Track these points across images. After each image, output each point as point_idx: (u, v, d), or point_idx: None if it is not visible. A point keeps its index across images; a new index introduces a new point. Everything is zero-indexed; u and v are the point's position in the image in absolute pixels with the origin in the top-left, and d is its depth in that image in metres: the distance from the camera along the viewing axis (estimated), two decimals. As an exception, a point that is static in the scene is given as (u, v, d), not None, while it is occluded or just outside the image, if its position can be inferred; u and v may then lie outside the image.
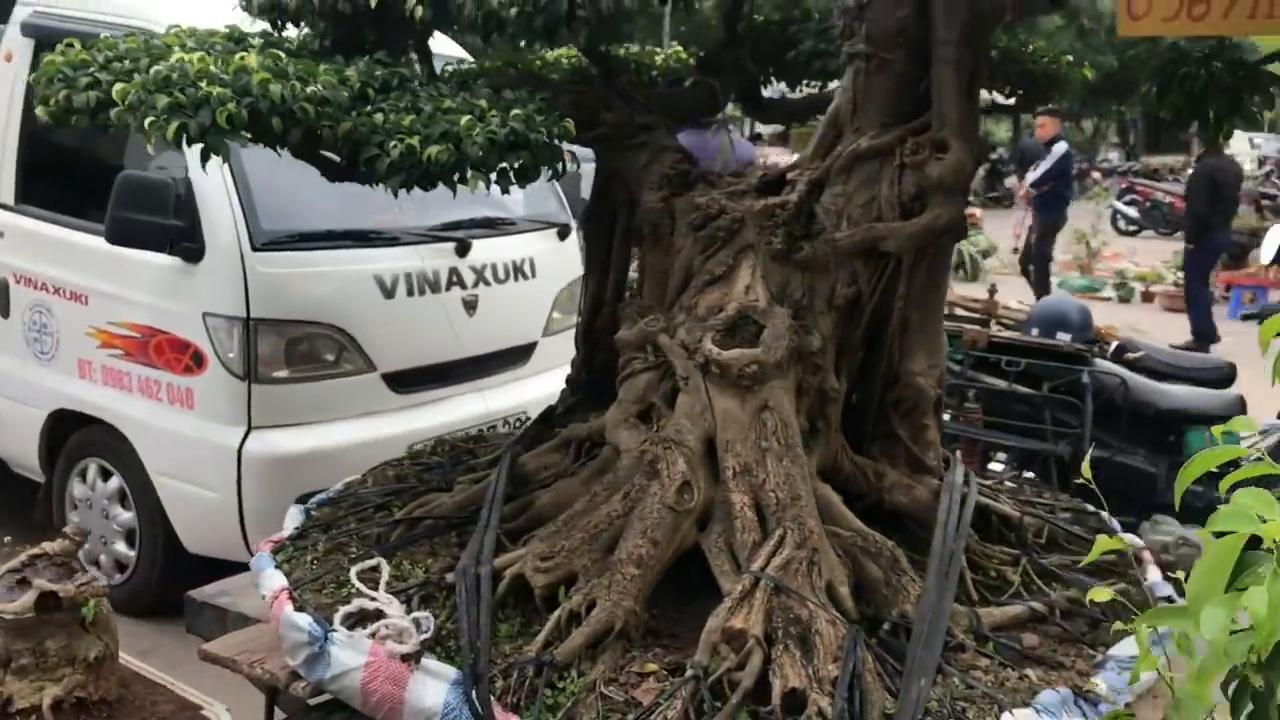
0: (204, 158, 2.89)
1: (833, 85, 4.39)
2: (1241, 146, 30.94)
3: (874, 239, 3.36)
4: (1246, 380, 5.99)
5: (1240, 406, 5.54)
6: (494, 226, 6.05)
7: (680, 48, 4.65)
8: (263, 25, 3.82)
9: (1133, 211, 21.83)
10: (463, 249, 5.71)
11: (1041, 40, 4.22)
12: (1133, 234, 21.00)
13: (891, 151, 3.38)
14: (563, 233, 6.42)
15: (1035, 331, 6.06)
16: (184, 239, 4.98)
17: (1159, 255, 16.38)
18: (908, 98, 3.42)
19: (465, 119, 2.98)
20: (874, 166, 3.40)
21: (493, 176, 3.03)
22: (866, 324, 3.47)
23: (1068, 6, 3.42)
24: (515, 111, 3.04)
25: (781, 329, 3.18)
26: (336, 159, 3.43)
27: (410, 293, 5.47)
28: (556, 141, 3.12)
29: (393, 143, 2.95)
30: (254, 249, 4.97)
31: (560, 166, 3.17)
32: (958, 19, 3.24)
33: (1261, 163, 25.86)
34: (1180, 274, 14.06)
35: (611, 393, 4.05)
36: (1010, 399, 5.81)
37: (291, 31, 3.85)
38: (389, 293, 5.38)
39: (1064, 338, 5.91)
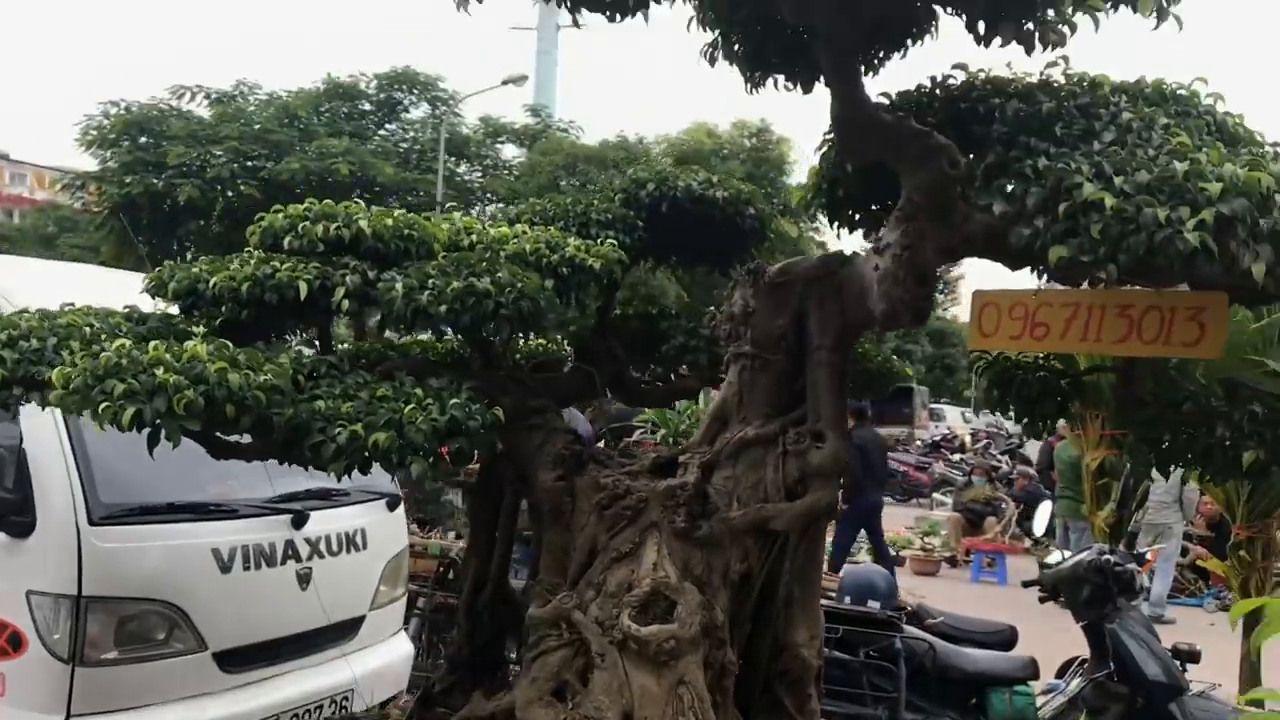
0: (151, 444, 2.90)
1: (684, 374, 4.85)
2: (956, 420, 34.31)
3: (764, 519, 3.67)
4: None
5: (1033, 668, 6.08)
6: (328, 498, 6.00)
7: (541, 338, 5.00)
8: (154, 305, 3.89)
9: (869, 480, 23.54)
10: (299, 521, 5.63)
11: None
12: (871, 501, 22.55)
13: (775, 440, 3.76)
14: (392, 503, 6.43)
15: (848, 599, 6.48)
16: (13, 512, 4.72)
17: (900, 521, 17.64)
18: (786, 392, 3.84)
19: (409, 407, 3.14)
20: (760, 452, 3.77)
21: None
22: (755, 598, 3.73)
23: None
24: (454, 400, 3.23)
25: (694, 604, 3.39)
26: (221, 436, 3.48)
27: (246, 566, 5.31)
28: (488, 428, 3.31)
29: (336, 429, 3.06)
30: (90, 523, 4.75)
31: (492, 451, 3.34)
32: (831, 328, 3.73)
33: (975, 435, 28.69)
34: (925, 538, 15.25)
35: (494, 670, 4.09)
36: (828, 665, 6.12)
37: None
38: (225, 567, 5.21)
39: (874, 605, 6.36)
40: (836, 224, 4.44)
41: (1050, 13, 2.86)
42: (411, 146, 27.30)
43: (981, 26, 3.00)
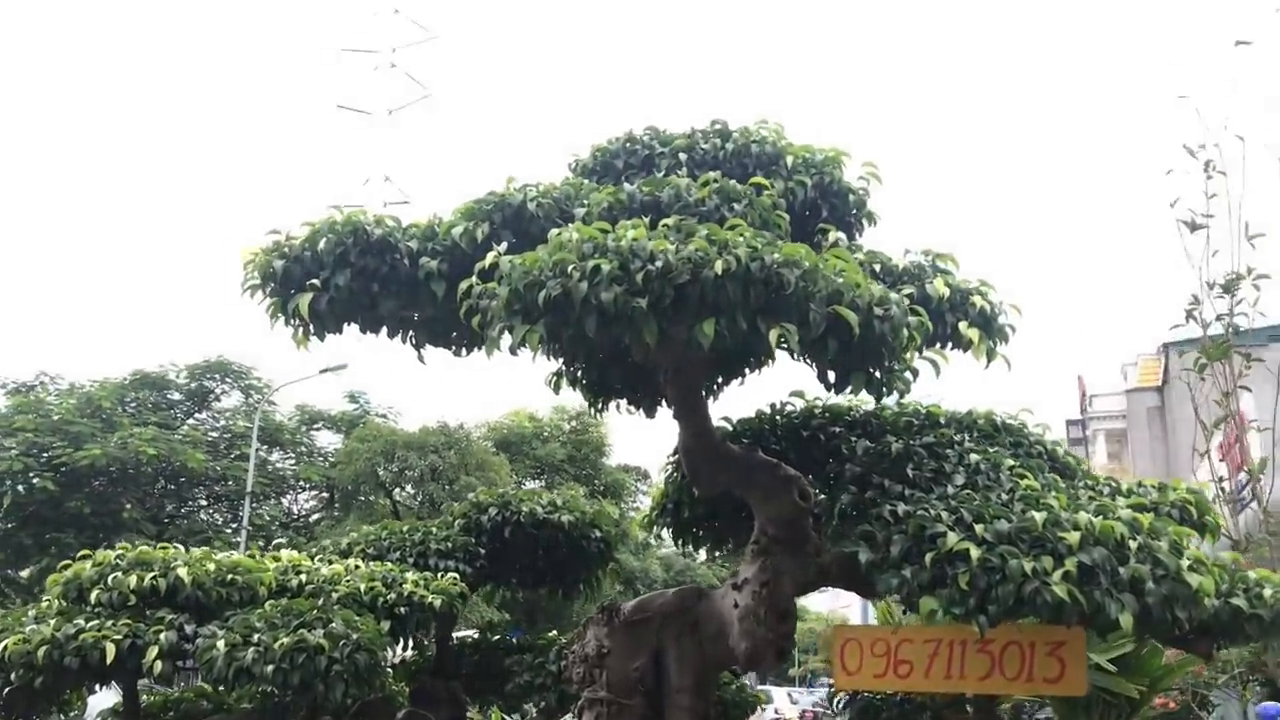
0: None
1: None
2: (783, 701, 33.75)
3: None
4: None
5: None
6: None
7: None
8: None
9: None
10: None
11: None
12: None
13: (636, 796, 3.48)
14: None
15: None
16: None
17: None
18: (646, 742, 3.60)
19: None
20: (619, 812, 3.47)
21: None
22: None
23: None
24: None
25: None
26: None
27: None
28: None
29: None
30: None
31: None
32: (690, 668, 3.56)
33: (803, 716, 28.11)
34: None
35: None
36: None
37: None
38: None
39: None
40: (681, 542, 4.37)
41: (895, 363, 2.94)
42: (222, 435, 26.39)
43: (831, 375, 3.06)
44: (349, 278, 3.15)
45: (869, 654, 3.54)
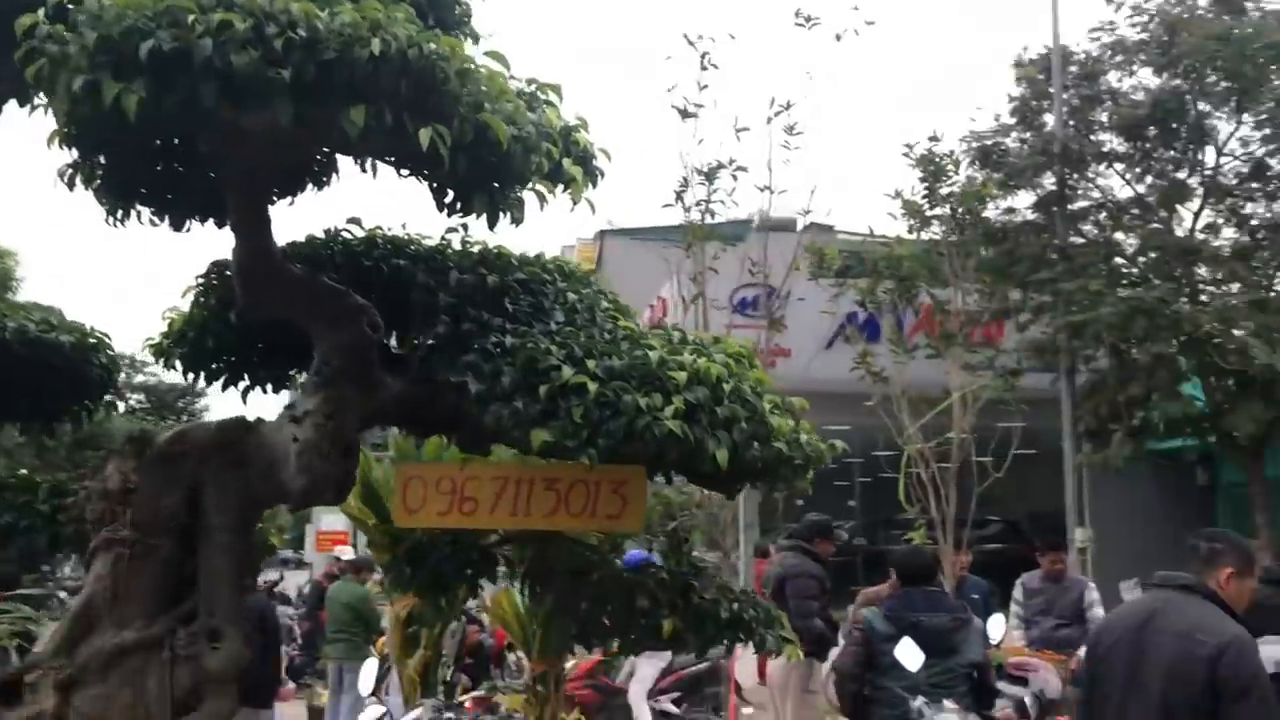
0: None
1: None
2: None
3: (147, 747, 2.99)
4: None
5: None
6: None
7: None
8: None
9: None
10: None
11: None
12: None
13: (160, 643, 3.10)
14: None
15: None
16: None
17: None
18: (173, 583, 3.21)
19: None
20: (140, 661, 3.07)
21: None
22: None
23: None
24: None
25: None
26: None
27: None
28: None
29: None
30: None
31: None
32: (231, 505, 3.21)
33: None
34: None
35: None
36: None
37: None
38: None
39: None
40: (193, 375, 3.94)
41: (512, 191, 2.80)
42: None
43: (450, 196, 2.84)
44: None
45: (434, 491, 3.42)
